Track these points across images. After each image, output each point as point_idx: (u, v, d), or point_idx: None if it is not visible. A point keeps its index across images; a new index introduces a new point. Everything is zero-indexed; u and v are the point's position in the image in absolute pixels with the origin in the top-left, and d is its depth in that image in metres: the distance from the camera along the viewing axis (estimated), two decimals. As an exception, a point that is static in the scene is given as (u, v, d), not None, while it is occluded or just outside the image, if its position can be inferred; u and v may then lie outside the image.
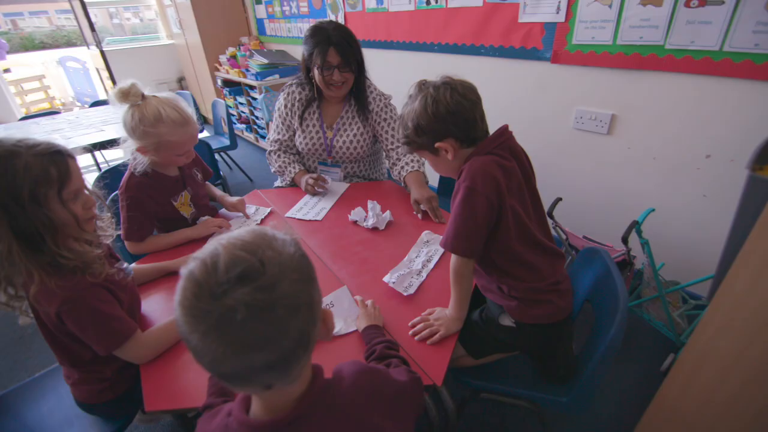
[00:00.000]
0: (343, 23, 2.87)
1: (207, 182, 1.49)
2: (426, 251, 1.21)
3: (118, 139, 1.23)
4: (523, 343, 1.03)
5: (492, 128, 0.95)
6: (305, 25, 3.30)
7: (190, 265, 0.44)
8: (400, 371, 0.68)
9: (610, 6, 1.51)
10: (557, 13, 1.67)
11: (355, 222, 1.39)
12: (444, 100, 0.89)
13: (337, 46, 1.40)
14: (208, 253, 0.43)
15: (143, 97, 1.13)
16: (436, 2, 2.15)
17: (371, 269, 1.15)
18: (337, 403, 0.53)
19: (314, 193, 1.58)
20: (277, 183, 1.85)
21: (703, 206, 1.55)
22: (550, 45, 1.76)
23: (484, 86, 0.92)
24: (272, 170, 1.75)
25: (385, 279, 1.07)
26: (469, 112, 0.90)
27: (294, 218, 1.45)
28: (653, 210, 1.42)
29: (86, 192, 0.83)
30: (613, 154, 1.75)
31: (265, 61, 3.43)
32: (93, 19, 3.92)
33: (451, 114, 0.89)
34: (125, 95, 1.10)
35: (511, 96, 2.01)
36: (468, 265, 0.91)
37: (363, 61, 1.51)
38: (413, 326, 0.93)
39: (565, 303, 0.97)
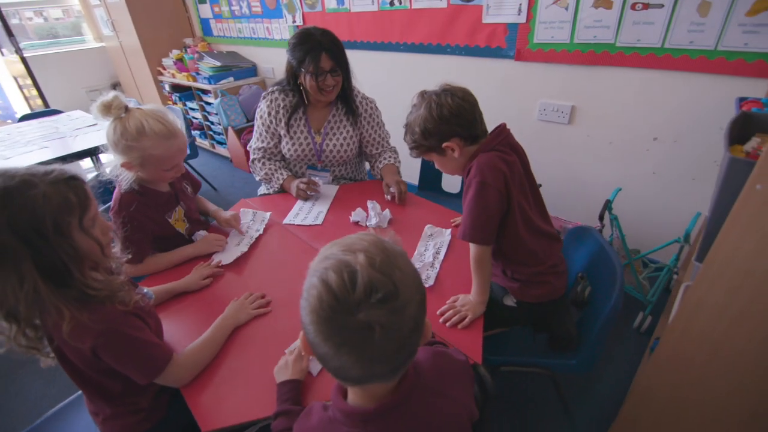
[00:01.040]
0: (302, 23, 2.85)
1: (198, 195, 1.44)
2: (433, 244, 1.28)
3: (68, 155, 1.15)
4: (523, 318, 1.15)
5: None
6: (259, 26, 3.20)
7: (320, 273, 0.47)
8: (456, 352, 0.74)
9: (566, 8, 1.67)
10: (519, 14, 1.81)
11: (357, 222, 1.42)
12: (447, 104, 0.98)
13: (329, 51, 1.41)
14: (342, 266, 0.46)
15: (127, 109, 1.07)
16: (400, 3, 2.22)
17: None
18: (425, 383, 0.58)
19: (306, 198, 1.58)
20: (262, 190, 1.82)
21: (653, 182, 1.79)
22: (513, 44, 1.90)
23: (453, 84, 1.03)
24: (257, 178, 1.71)
25: (405, 274, 1.13)
26: (470, 113, 1.00)
27: (293, 224, 1.45)
28: (620, 189, 1.61)
29: (101, 216, 0.79)
30: (574, 141, 1.94)
31: (218, 63, 3.28)
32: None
33: (454, 116, 0.98)
34: (107, 108, 1.04)
35: (479, 92, 2.10)
36: (487, 252, 1.00)
37: (348, 64, 1.53)
38: (442, 314, 1.00)
39: (561, 283, 1.11)
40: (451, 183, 1.99)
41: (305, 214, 1.51)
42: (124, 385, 0.83)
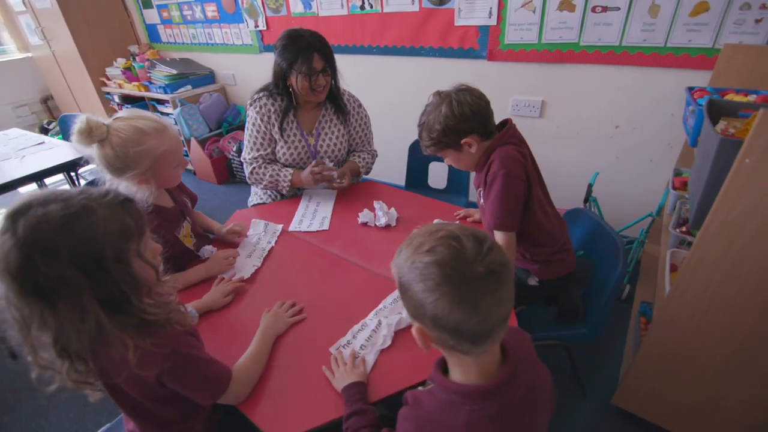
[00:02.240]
0: (265, 28, 2.79)
1: (197, 211, 1.39)
2: (444, 237, 1.34)
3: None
4: (544, 295, 1.26)
5: None
6: (216, 31, 3.08)
7: (424, 255, 0.52)
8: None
9: (534, 11, 1.82)
10: (489, 17, 1.93)
11: (365, 224, 1.44)
12: (466, 102, 1.05)
13: (320, 51, 1.42)
14: (444, 239, 0.53)
15: (107, 126, 1.01)
16: (371, 7, 2.26)
17: (407, 262, 1.24)
18: (520, 355, 0.63)
19: (327, 179, 1.55)
20: (254, 200, 1.77)
21: (617, 166, 1.99)
22: (485, 45, 2.02)
23: (427, 84, 1.11)
24: (261, 186, 1.65)
25: (430, 267, 1.18)
26: (486, 110, 1.08)
27: (299, 231, 1.44)
28: (598, 173, 1.78)
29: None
30: (545, 133, 2.11)
31: (173, 71, 3.10)
32: None
33: (473, 113, 1.05)
34: (88, 133, 0.95)
35: (453, 91, 2.24)
36: (513, 238, 1.08)
37: (336, 64, 1.54)
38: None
39: (572, 258, 1.23)
40: (437, 179, 2.07)
41: (309, 220, 1.50)
42: (180, 410, 0.80)
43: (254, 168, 1.61)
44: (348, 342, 0.97)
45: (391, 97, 2.52)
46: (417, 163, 2.03)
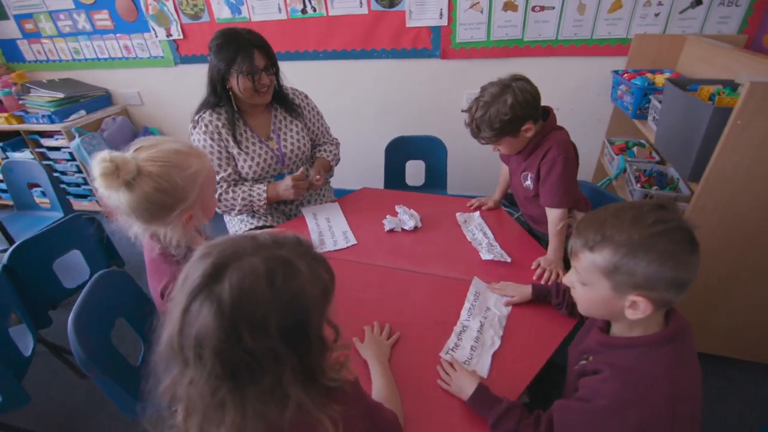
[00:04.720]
0: (181, 37, 2.47)
1: None
2: (474, 227, 1.41)
3: None
4: None
5: (390, 120, 1.25)
6: (111, 43, 2.60)
7: (650, 233, 0.59)
8: None
9: (481, 12, 1.99)
10: (440, 18, 2.05)
11: (392, 230, 1.43)
12: (526, 90, 1.15)
13: (261, 48, 1.34)
14: (658, 207, 0.61)
15: (133, 159, 0.82)
16: (315, 11, 2.18)
17: (456, 258, 1.27)
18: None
19: (311, 186, 1.49)
20: (240, 228, 1.59)
21: (559, 142, 2.32)
22: (437, 44, 2.13)
23: (382, 85, 1.16)
24: (235, 212, 1.48)
25: (485, 257, 1.23)
26: (539, 95, 1.18)
27: (328, 251, 1.35)
28: None
29: None
30: (497, 121, 2.33)
31: (59, 95, 2.52)
32: None
33: (534, 99, 1.16)
34: (116, 173, 0.75)
35: (411, 89, 2.31)
36: (566, 214, 1.21)
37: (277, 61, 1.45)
38: (539, 278, 1.16)
39: None
40: (414, 177, 2.13)
41: (331, 238, 1.42)
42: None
43: (221, 195, 1.44)
44: (455, 344, 0.97)
45: (345, 101, 2.48)
46: (394, 163, 2.06)
